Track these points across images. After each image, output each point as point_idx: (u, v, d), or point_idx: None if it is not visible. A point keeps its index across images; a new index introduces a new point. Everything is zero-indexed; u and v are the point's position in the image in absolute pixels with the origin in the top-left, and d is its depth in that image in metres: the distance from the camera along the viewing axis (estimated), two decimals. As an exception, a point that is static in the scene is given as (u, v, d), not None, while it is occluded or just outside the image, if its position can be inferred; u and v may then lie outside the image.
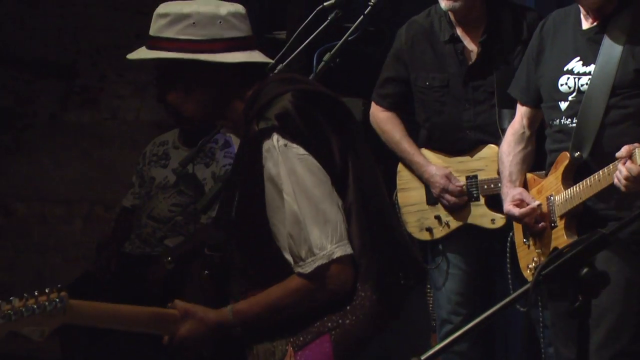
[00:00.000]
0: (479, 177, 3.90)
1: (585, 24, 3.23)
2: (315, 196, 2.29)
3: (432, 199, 3.97)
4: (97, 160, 6.08)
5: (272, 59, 2.69)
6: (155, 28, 2.43)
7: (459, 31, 3.91)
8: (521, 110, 3.47)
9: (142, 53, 2.46)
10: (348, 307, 2.33)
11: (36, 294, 2.19)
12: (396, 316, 2.36)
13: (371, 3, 3.28)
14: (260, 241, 2.38)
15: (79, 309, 2.27)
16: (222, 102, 2.46)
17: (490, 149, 3.84)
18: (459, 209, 3.91)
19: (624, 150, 2.89)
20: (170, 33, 2.40)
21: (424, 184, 3.99)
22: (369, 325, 2.33)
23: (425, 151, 4.01)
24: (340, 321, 2.33)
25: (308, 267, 2.29)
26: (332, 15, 3.31)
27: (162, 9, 2.45)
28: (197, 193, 4.68)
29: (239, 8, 2.47)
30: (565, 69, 3.22)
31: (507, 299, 1.92)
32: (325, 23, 3.31)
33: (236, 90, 2.45)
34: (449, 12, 3.88)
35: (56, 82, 6.09)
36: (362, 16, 3.26)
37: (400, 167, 4.08)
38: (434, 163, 3.95)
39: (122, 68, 6.02)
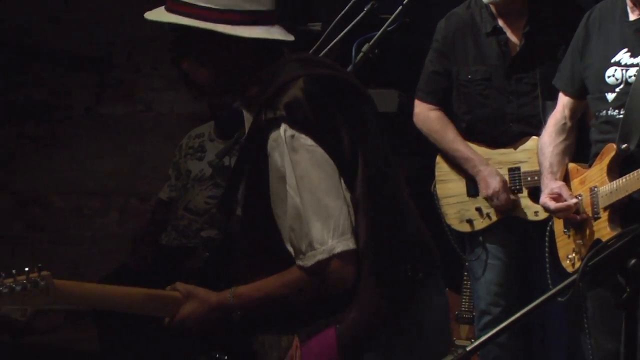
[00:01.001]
0: (522, 169, 3.88)
1: (632, 16, 3.20)
2: (319, 189, 2.24)
3: (472, 191, 3.95)
4: (132, 153, 6.12)
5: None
6: None
7: (500, 22, 3.88)
8: (563, 101, 3.44)
9: (160, 14, 2.37)
10: (353, 301, 2.29)
11: (14, 272, 2.15)
12: (403, 311, 2.32)
13: (409, -7, 3.27)
14: (264, 230, 2.34)
15: (64, 288, 2.24)
16: (236, 78, 2.38)
17: (533, 141, 3.79)
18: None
19: None
20: None
21: (464, 175, 3.98)
22: (373, 319, 2.29)
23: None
24: (345, 315, 2.29)
25: (308, 261, 2.25)
26: (368, 6, 3.30)
27: None
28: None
29: None
30: (612, 60, 3.19)
31: (552, 291, 1.90)
32: (362, 14, 3.30)
33: (252, 68, 2.37)
34: (490, 5, 3.85)
35: (91, 76, 6.13)
36: (400, 7, 3.25)
37: (438, 158, 4.05)
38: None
39: (157, 61, 6.05)
